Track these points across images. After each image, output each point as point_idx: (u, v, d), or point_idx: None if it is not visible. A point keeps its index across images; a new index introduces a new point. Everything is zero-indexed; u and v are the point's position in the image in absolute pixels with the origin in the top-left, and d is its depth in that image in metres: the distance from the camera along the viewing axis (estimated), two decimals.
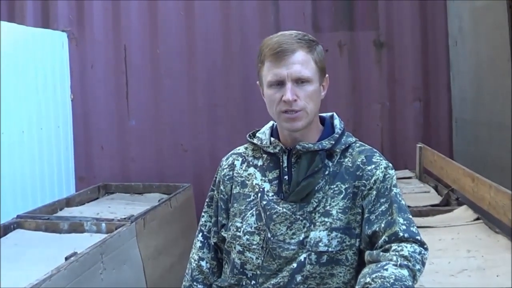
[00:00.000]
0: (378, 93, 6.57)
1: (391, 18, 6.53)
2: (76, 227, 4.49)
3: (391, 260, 1.90)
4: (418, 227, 2.08)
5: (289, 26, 6.01)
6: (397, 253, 1.93)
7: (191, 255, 2.43)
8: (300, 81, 2.09)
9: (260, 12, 6.60)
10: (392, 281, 1.78)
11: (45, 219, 4.63)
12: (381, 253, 1.96)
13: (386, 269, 1.84)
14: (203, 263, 2.37)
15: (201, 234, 2.41)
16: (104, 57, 6.74)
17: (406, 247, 1.96)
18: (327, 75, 2.22)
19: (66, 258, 3.54)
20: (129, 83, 6.75)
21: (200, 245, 2.40)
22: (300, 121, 2.10)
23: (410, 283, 1.83)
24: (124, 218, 4.59)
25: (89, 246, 3.82)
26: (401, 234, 2.00)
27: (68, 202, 5.39)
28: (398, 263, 1.88)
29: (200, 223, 2.44)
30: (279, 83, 2.10)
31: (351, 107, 6.56)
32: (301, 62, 2.09)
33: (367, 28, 6.53)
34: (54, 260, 3.56)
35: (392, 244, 1.98)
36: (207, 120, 6.71)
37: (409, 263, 1.90)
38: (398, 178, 5.45)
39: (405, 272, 1.85)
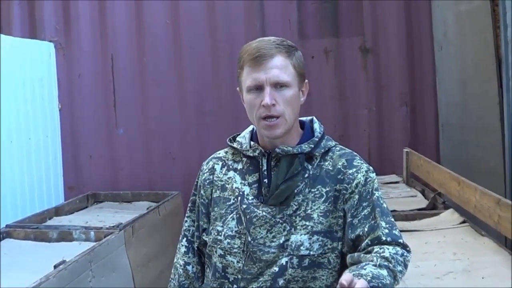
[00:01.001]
0: (364, 98, 6.59)
1: (376, 24, 6.56)
2: (65, 235, 4.51)
3: (371, 261, 1.92)
4: (405, 231, 2.10)
5: (275, 33, 5.97)
6: (378, 255, 1.95)
7: (175, 261, 2.43)
8: (278, 85, 2.10)
9: (246, 20, 6.63)
10: (369, 278, 1.79)
11: (34, 228, 4.65)
12: (362, 254, 1.99)
13: (365, 269, 1.86)
14: (189, 268, 2.38)
15: (185, 239, 2.42)
16: (91, 67, 6.76)
17: (388, 249, 1.98)
18: (306, 81, 2.23)
19: (55, 266, 3.55)
20: (116, 92, 6.76)
21: (185, 250, 2.40)
22: (278, 129, 2.11)
23: (388, 282, 1.85)
24: (113, 226, 4.61)
25: (78, 254, 3.83)
26: (384, 238, 2.02)
27: (57, 211, 5.40)
28: (378, 263, 1.90)
29: (184, 228, 2.44)
30: (258, 88, 2.11)
31: (338, 113, 6.58)
32: (280, 67, 2.10)
33: (352, 34, 6.57)
34: (43, 268, 3.56)
35: (375, 246, 2.00)
36: (196, 128, 6.73)
37: (390, 264, 1.92)
38: (385, 183, 5.53)
39: (384, 272, 1.87)
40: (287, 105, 2.11)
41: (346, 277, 1.59)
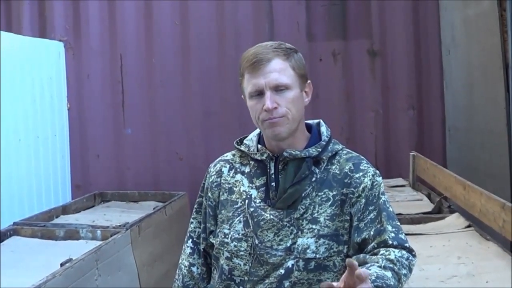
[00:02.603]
0: (372, 101, 6.60)
1: (384, 27, 6.57)
2: (72, 234, 4.53)
3: (377, 262, 1.93)
4: (410, 234, 2.10)
5: (283, 35, 6.08)
6: (383, 257, 1.96)
7: (180, 261, 2.45)
8: (279, 88, 2.11)
9: (254, 21, 6.64)
10: (373, 278, 1.81)
11: (41, 226, 4.67)
12: (368, 256, 2.00)
13: (370, 269, 1.87)
14: (194, 269, 2.39)
15: (190, 240, 2.43)
16: (100, 67, 6.80)
17: (394, 251, 2.00)
18: (309, 81, 2.23)
19: (61, 264, 3.57)
20: (125, 92, 6.79)
21: (190, 251, 2.41)
22: (281, 127, 2.12)
23: (392, 283, 1.86)
24: (119, 226, 4.62)
25: (84, 252, 3.86)
26: (390, 242, 2.03)
27: (64, 209, 5.42)
28: (383, 264, 1.92)
29: (189, 229, 2.45)
30: (259, 93, 2.13)
31: (345, 115, 6.59)
32: (278, 70, 2.12)
33: (360, 37, 6.57)
34: (49, 266, 3.59)
35: (381, 249, 2.02)
36: (202, 128, 6.75)
37: (395, 266, 1.93)
38: (391, 186, 5.53)
39: (388, 273, 1.89)
40: (290, 106, 2.12)
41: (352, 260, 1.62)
